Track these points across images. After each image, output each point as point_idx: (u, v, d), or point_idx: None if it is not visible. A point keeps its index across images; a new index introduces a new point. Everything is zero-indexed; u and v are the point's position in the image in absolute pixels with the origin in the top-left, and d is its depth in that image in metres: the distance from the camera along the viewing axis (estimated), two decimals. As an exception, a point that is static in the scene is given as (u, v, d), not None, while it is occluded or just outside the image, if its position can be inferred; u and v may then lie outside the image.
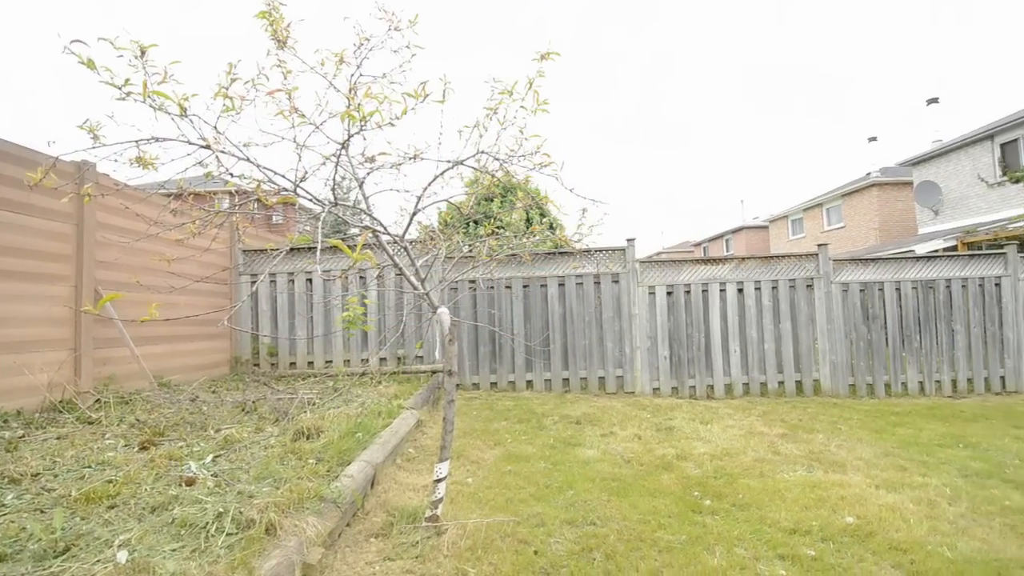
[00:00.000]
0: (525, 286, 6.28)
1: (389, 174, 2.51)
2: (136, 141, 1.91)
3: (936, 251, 11.62)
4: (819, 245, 6.41)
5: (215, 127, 2.02)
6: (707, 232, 36.23)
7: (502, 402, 5.54)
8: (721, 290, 6.23)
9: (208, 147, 1.96)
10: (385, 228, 2.27)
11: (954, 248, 11.82)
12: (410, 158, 2.16)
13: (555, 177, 2.13)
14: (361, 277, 5.93)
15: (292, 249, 6.00)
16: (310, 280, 6.05)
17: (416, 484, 3.07)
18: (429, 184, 2.22)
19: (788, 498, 2.93)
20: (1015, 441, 4.05)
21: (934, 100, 17.11)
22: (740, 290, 6.23)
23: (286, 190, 2.01)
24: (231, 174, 1.99)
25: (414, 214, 2.27)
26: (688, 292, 6.24)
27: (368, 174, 2.25)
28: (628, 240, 6.29)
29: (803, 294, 6.22)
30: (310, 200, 2.28)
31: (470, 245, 3.17)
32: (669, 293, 6.25)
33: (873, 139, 19.98)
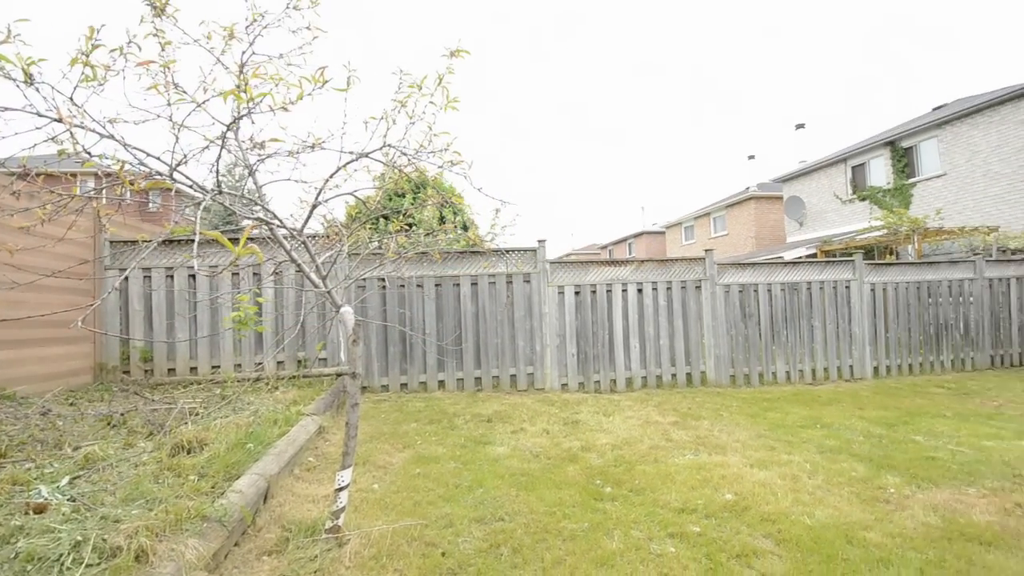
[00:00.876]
0: (437, 285, 6.20)
1: (287, 163, 2.34)
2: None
3: (800, 257, 13.33)
4: (706, 250, 7.07)
5: (71, 99, 1.74)
6: (613, 236, 38.42)
7: (413, 403, 5.41)
8: (623, 290, 6.62)
9: (60, 120, 1.68)
10: (281, 221, 2.11)
11: (814, 255, 13.65)
12: (308, 147, 2.02)
13: (464, 176, 2.12)
14: (255, 274, 5.46)
15: (168, 241, 5.35)
16: (193, 276, 5.45)
17: (316, 495, 2.89)
18: (331, 176, 2.10)
19: (678, 480, 3.19)
20: (860, 421, 4.76)
21: (801, 126, 19.65)
22: (640, 291, 6.67)
23: (160, 174, 1.79)
24: (89, 153, 1.72)
25: (314, 206, 2.13)
26: (594, 292, 6.55)
27: (260, 161, 2.07)
28: (539, 241, 6.46)
29: (692, 295, 6.82)
30: (191, 187, 2.05)
31: (379, 241, 3.05)
32: (577, 293, 6.51)
33: (752, 157, 22.47)
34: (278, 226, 2.20)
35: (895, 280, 7.62)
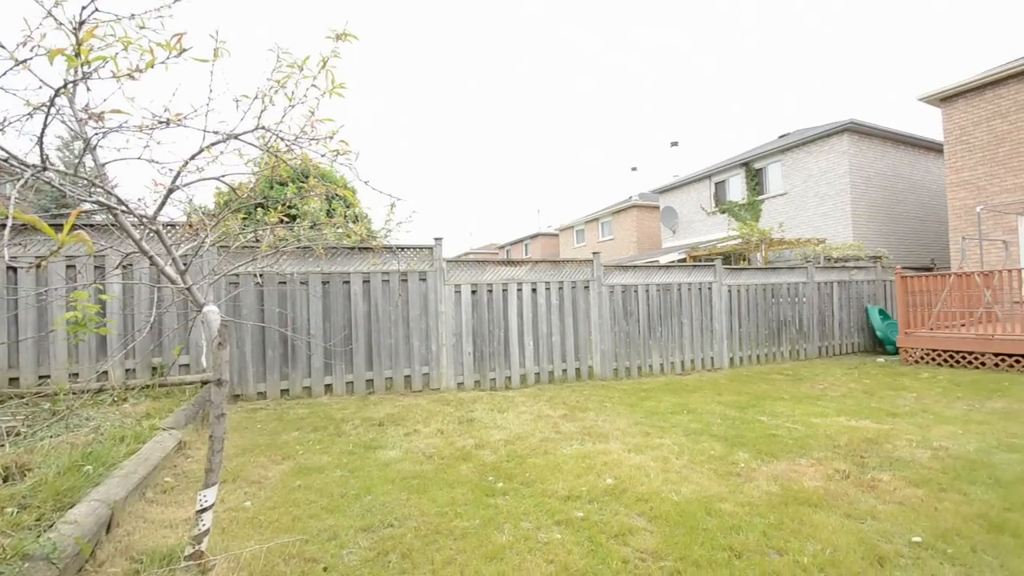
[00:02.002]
0: (325, 283, 5.82)
1: (138, 140, 2.02)
2: None
3: (673, 261, 14.78)
4: (594, 253, 7.54)
5: None
6: (510, 236, 39.30)
7: (295, 410, 5.02)
8: (519, 290, 6.80)
9: None
10: (127, 206, 1.82)
11: (684, 260, 15.22)
12: (162, 122, 1.76)
13: (350, 167, 2.00)
14: (97, 267, 4.66)
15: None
16: (14, 269, 4.50)
17: (174, 519, 2.55)
18: (193, 157, 1.85)
19: (565, 470, 3.34)
20: (718, 405, 5.40)
21: (675, 143, 21.80)
22: (534, 290, 6.90)
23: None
24: None
25: (171, 190, 1.86)
26: (491, 291, 6.63)
27: (100, 136, 1.76)
28: (436, 239, 6.38)
29: (582, 294, 7.22)
30: (6, 160, 1.69)
31: (254, 233, 2.77)
32: (474, 292, 6.54)
33: (634, 168, 24.46)
34: (124, 212, 1.89)
35: (747, 283, 8.78)
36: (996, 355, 7.21)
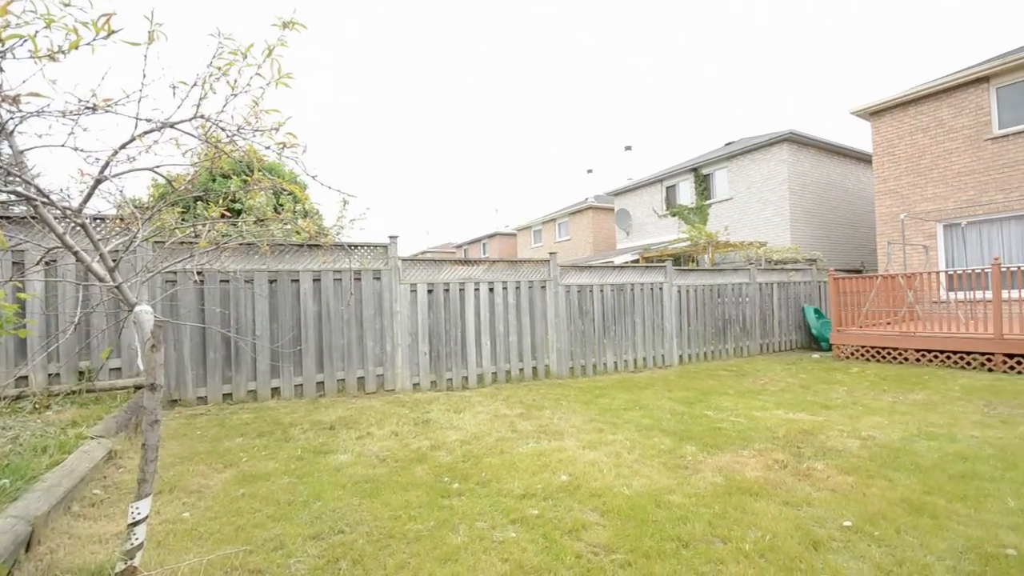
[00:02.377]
0: (272, 281, 5.58)
1: (62, 126, 1.87)
2: None
3: (627, 262, 15.18)
4: (550, 253, 7.64)
5: None
6: (468, 235, 39.14)
7: (238, 415, 4.79)
8: (476, 289, 6.78)
9: None
10: (48, 197, 1.67)
11: (637, 260, 15.66)
12: (88, 108, 1.64)
13: (296, 161, 1.92)
14: (16, 262, 4.26)
15: None
16: (-87, 266, 4.05)
17: (104, 534, 2.38)
18: (124, 145, 1.72)
19: (521, 468, 3.36)
20: (668, 401, 5.59)
21: (629, 148, 22.40)
22: (491, 289, 6.90)
23: None
24: None
25: (98, 181, 1.73)
26: (447, 290, 6.58)
27: (17, 121, 1.62)
28: (391, 237, 6.26)
29: (539, 294, 7.29)
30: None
31: (194, 228, 2.61)
32: (430, 291, 6.47)
33: (590, 171, 24.93)
34: (45, 203, 1.74)
35: (695, 283, 9.14)
36: (917, 351, 7.85)
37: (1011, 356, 6.85)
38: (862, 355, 8.55)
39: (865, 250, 15.30)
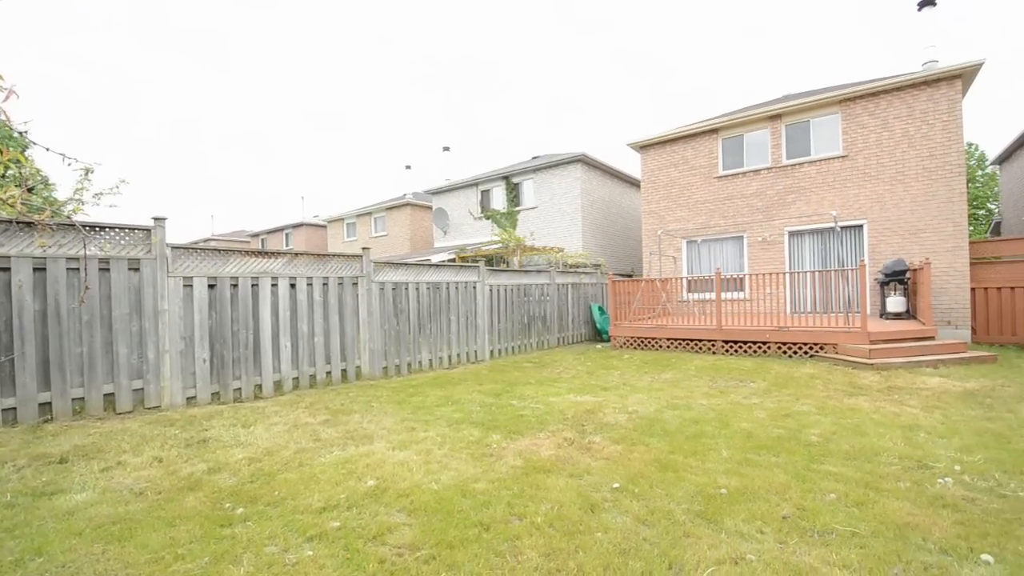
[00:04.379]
0: (-39, 270, 4.06)
1: None
2: None
3: (444, 261, 15.44)
4: (364, 248, 7.27)
5: None
6: (268, 223, 34.74)
7: None
8: (273, 284, 6.04)
9: None
10: None
11: (453, 260, 16.06)
12: None
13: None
14: None
15: None
16: None
17: None
18: None
19: (323, 480, 3.11)
20: (479, 394, 5.84)
21: (447, 148, 22.77)
22: (293, 285, 6.24)
23: None
24: None
25: None
26: (236, 286, 5.71)
27: None
28: (156, 219, 5.14)
29: (350, 291, 6.88)
30: None
31: None
32: (212, 286, 5.52)
33: (409, 167, 24.59)
34: None
35: (505, 283, 9.80)
36: (668, 339, 9.81)
37: (727, 342, 9.07)
38: (632, 344, 10.30)
39: (635, 258, 18.50)
